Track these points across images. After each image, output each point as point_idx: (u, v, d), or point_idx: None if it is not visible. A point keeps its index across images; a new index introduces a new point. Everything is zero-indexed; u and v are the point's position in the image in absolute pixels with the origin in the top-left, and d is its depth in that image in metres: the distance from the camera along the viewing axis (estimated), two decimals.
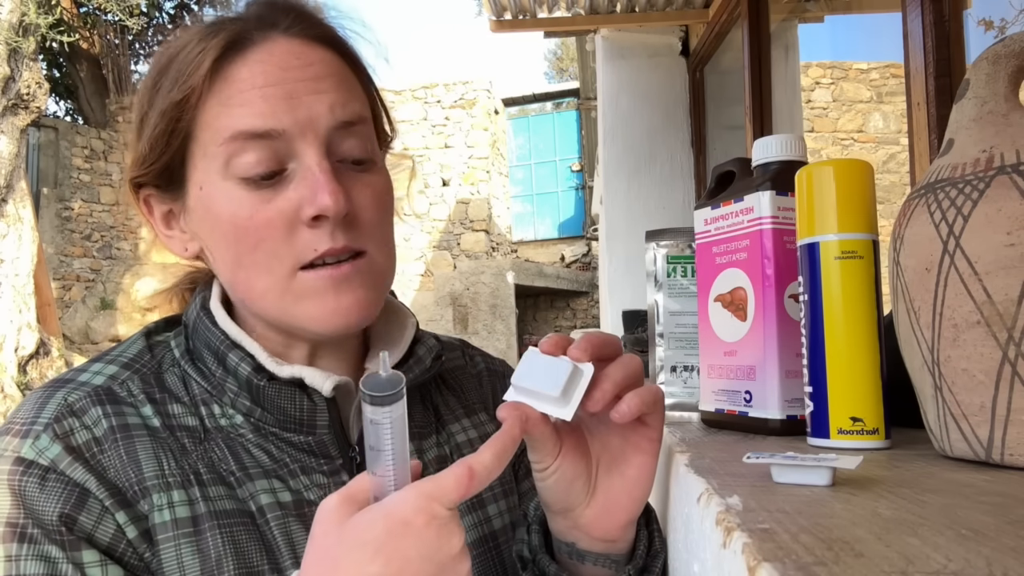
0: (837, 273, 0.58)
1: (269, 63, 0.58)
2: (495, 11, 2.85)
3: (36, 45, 6.97)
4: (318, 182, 0.56)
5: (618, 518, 0.55)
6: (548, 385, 0.49)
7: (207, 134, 0.58)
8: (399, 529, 0.41)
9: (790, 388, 0.67)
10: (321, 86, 0.58)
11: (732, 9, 2.38)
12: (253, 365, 0.59)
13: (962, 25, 1.17)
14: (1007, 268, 0.46)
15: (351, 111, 0.60)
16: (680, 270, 0.87)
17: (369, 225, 0.60)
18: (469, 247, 9.43)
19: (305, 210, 0.57)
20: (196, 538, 0.54)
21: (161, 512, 0.54)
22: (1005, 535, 0.33)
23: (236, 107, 0.57)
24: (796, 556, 0.31)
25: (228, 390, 0.60)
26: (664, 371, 0.87)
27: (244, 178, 0.57)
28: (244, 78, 0.57)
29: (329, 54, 0.61)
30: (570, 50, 15.18)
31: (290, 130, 0.57)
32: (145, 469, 0.55)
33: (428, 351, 0.68)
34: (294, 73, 0.58)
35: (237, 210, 0.57)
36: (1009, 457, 0.47)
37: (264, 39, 0.59)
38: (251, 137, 0.56)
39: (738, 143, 2.54)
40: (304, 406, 0.59)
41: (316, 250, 0.57)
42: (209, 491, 0.56)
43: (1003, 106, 0.50)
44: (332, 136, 0.59)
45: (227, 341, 0.60)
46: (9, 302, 7.04)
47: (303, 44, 0.60)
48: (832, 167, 0.59)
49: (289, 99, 0.57)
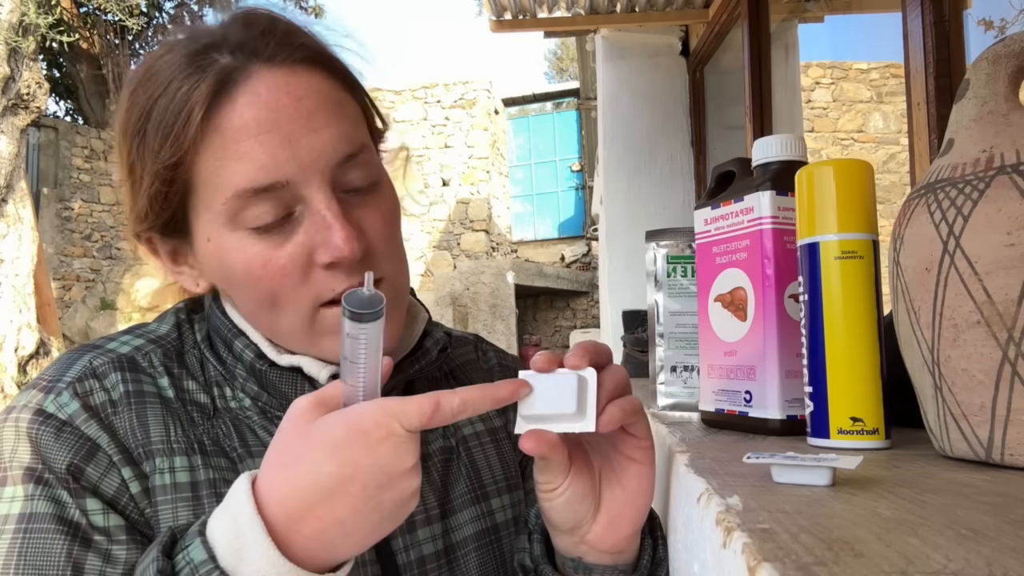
0: (837, 273, 0.58)
1: (259, 106, 0.55)
2: (495, 11, 2.85)
3: (36, 45, 6.97)
4: (330, 227, 0.56)
5: (624, 530, 0.56)
6: (560, 404, 0.48)
7: (207, 190, 0.57)
8: (357, 436, 0.44)
9: (790, 388, 0.67)
10: (316, 122, 0.56)
11: (732, 9, 2.38)
12: (256, 352, 0.62)
13: (962, 25, 1.17)
14: (1007, 268, 0.46)
15: (351, 143, 0.59)
16: (680, 270, 0.87)
17: (382, 250, 0.61)
18: (469, 247, 9.43)
19: (320, 256, 0.57)
20: (193, 503, 0.56)
21: (162, 475, 0.57)
22: (1005, 535, 0.33)
23: (233, 161, 0.55)
24: (796, 556, 0.31)
25: (238, 375, 0.63)
26: (664, 371, 0.87)
27: (253, 228, 0.57)
28: (236, 127, 0.55)
29: (316, 77, 0.59)
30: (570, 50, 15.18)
31: (294, 178, 0.55)
32: (153, 433, 0.58)
33: (435, 344, 0.69)
34: (287, 112, 0.56)
35: (250, 261, 0.57)
36: (1009, 457, 0.47)
37: (247, 77, 0.56)
38: (256, 193, 0.55)
39: (738, 143, 2.54)
40: (305, 391, 0.60)
41: (335, 290, 0.58)
42: (211, 460, 0.59)
43: (1003, 106, 0.50)
44: (336, 172, 0.58)
45: (234, 329, 0.63)
46: (9, 302, 7.04)
47: (288, 73, 0.57)
48: (832, 167, 0.59)
49: (288, 144, 0.55)
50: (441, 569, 0.63)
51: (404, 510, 0.47)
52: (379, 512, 0.45)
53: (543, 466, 0.53)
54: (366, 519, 0.45)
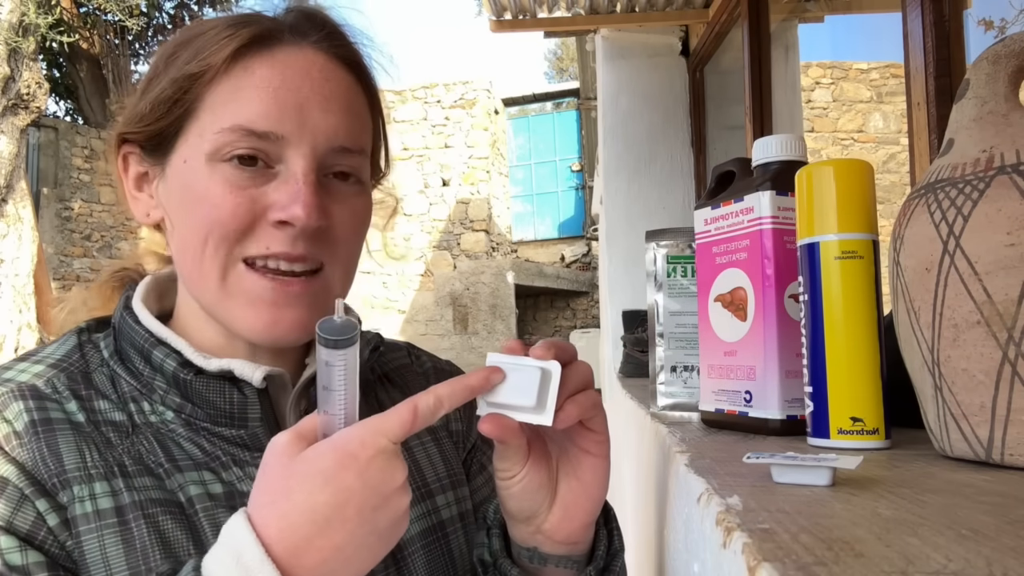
0: (837, 273, 0.58)
1: (291, 67, 0.59)
2: (495, 11, 2.84)
3: (36, 45, 6.97)
4: (299, 191, 0.57)
5: (579, 520, 0.57)
6: (520, 396, 0.49)
7: (209, 116, 0.58)
8: (347, 461, 0.45)
9: (790, 388, 0.67)
10: (333, 105, 0.60)
11: (732, 9, 2.38)
12: (179, 360, 0.59)
13: (962, 25, 1.17)
14: (1007, 268, 0.46)
15: (353, 139, 0.61)
16: (680, 270, 0.87)
17: (337, 241, 0.61)
18: (469, 247, 9.43)
19: (275, 213, 0.57)
20: (120, 528, 0.54)
21: (82, 503, 0.53)
22: (1005, 535, 0.33)
23: (246, 100, 0.57)
24: (796, 556, 0.31)
25: (157, 387, 0.60)
26: (664, 371, 0.87)
27: (229, 164, 0.57)
28: (263, 74, 0.58)
29: (350, 77, 0.63)
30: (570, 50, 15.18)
31: (289, 136, 0.57)
32: (66, 461, 0.54)
33: (366, 343, 0.69)
34: (312, 84, 0.59)
35: (210, 190, 0.57)
36: (1009, 457, 0.47)
37: (293, 44, 0.60)
38: (250, 134, 0.57)
39: (738, 143, 2.54)
40: (234, 399, 0.60)
41: (268, 248, 0.57)
42: (134, 482, 0.56)
43: (1003, 106, 0.50)
44: (327, 155, 0.59)
45: (151, 339, 0.60)
46: (9, 302, 7.04)
47: (328, 60, 0.61)
48: (832, 167, 0.59)
49: (299, 109, 0.58)
50: (389, 568, 0.62)
51: (398, 529, 0.47)
52: (376, 534, 0.46)
53: (502, 452, 0.54)
54: (363, 542, 0.45)
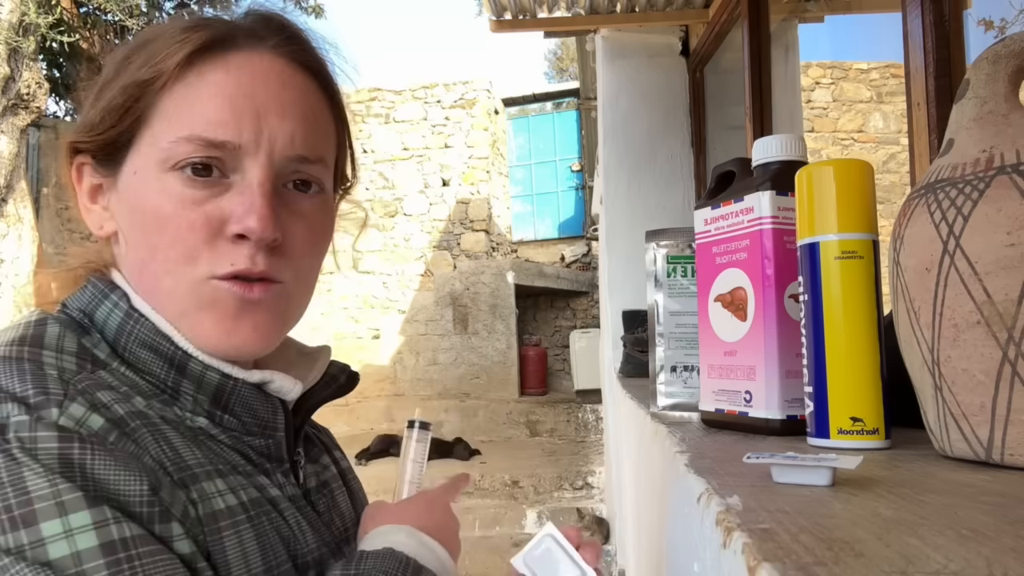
0: (837, 273, 0.58)
1: (247, 72, 0.57)
2: (495, 11, 2.84)
3: (36, 45, 6.97)
4: (254, 203, 0.55)
5: None
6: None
7: (163, 124, 0.56)
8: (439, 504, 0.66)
9: (790, 388, 0.67)
10: (291, 112, 0.57)
11: (732, 9, 2.38)
12: (220, 372, 0.56)
13: (962, 25, 1.17)
14: (1007, 268, 0.46)
15: (312, 148, 0.59)
16: (680, 270, 0.87)
17: (294, 256, 0.59)
18: (469, 247, 9.43)
19: (231, 225, 0.55)
20: (250, 524, 0.52)
21: (213, 500, 0.51)
22: (1005, 535, 0.33)
23: (200, 107, 0.55)
24: (796, 556, 0.31)
25: (184, 392, 0.56)
26: (664, 371, 0.87)
27: (183, 173, 0.55)
28: (217, 80, 0.56)
29: (310, 83, 0.60)
30: (570, 50, 15.17)
31: (245, 145, 0.55)
32: (185, 456, 0.51)
33: (341, 371, 0.70)
34: (269, 90, 0.57)
35: (165, 203, 0.55)
36: (1009, 457, 0.47)
37: (249, 49, 0.58)
38: (206, 143, 0.55)
39: (738, 143, 2.54)
40: (270, 407, 0.59)
41: (232, 265, 0.55)
42: (237, 480, 0.54)
43: (1003, 106, 0.50)
44: (284, 163, 0.57)
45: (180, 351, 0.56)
46: (9, 302, 7.03)
47: (287, 65, 0.59)
48: (832, 167, 0.59)
49: (255, 116, 0.56)
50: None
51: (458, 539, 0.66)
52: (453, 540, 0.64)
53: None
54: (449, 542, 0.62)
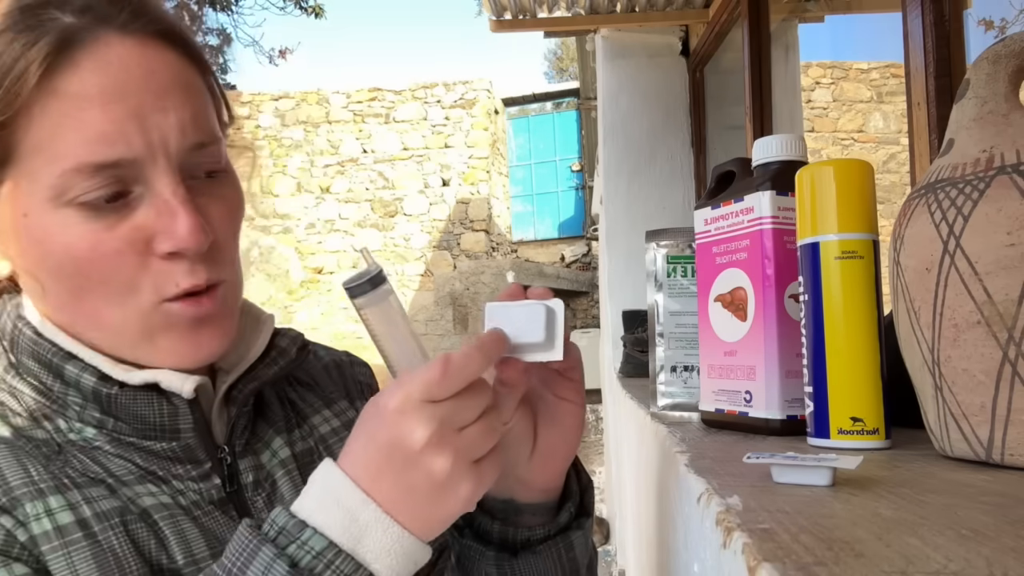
0: (837, 273, 0.58)
1: (105, 72, 0.50)
2: (495, 11, 2.84)
3: None
4: (175, 214, 0.51)
5: (557, 467, 0.59)
6: (529, 335, 0.49)
7: (36, 159, 0.49)
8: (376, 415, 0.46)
9: (790, 388, 0.67)
10: (168, 102, 0.52)
11: (732, 9, 2.38)
12: (97, 374, 0.53)
13: (962, 25, 1.17)
14: (1007, 268, 0.46)
15: (202, 130, 0.54)
16: (680, 270, 0.87)
17: (226, 250, 0.56)
18: (469, 247, 9.43)
19: (161, 244, 0.51)
20: (88, 542, 0.48)
21: (40, 521, 0.48)
22: (1005, 535, 0.33)
23: (73, 131, 0.49)
24: (796, 556, 0.31)
25: (72, 403, 0.54)
26: (664, 371, 0.87)
27: (82, 205, 0.50)
28: (78, 93, 0.49)
29: (172, 55, 0.54)
30: (570, 50, 15.17)
31: (140, 156, 0.50)
32: (10, 477, 0.49)
33: (292, 342, 0.65)
34: (137, 84, 0.50)
35: (76, 241, 0.50)
36: (1009, 457, 0.47)
37: (95, 40, 0.50)
38: (97, 169, 0.49)
39: (738, 143, 2.54)
40: (164, 411, 0.54)
41: (178, 285, 0.52)
42: (88, 492, 0.51)
43: (1003, 106, 0.50)
44: (183, 157, 0.53)
45: (60, 352, 0.54)
46: None
47: (142, 45, 0.52)
48: (832, 167, 0.59)
49: (135, 118, 0.50)
50: None
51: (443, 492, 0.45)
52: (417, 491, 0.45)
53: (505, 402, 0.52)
54: (408, 497, 0.45)
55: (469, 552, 0.60)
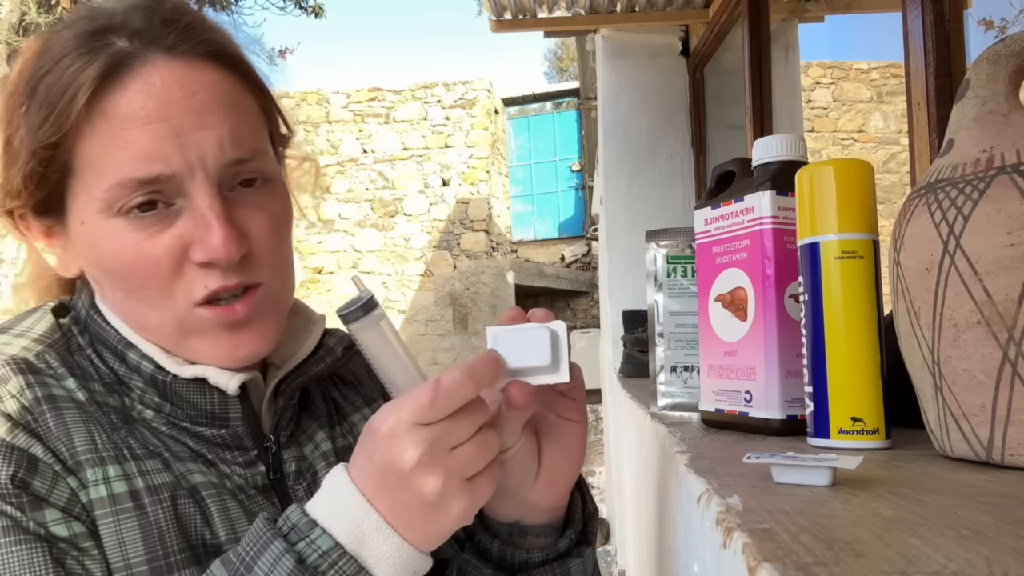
0: (837, 273, 0.58)
1: (149, 94, 0.54)
2: (495, 11, 2.84)
3: None
4: (210, 226, 0.54)
5: (562, 487, 0.59)
6: (535, 357, 0.50)
7: (89, 174, 0.55)
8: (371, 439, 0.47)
9: (790, 388, 0.67)
10: (208, 120, 0.55)
11: (732, 9, 2.38)
12: (154, 364, 0.58)
13: (962, 25, 1.17)
14: (1007, 268, 0.46)
15: (243, 146, 0.57)
16: (680, 270, 0.87)
17: (264, 255, 0.59)
18: (469, 247, 9.43)
19: (195, 254, 0.55)
20: (136, 512, 0.52)
21: (97, 487, 0.52)
22: (1005, 535, 0.33)
23: (119, 149, 0.53)
24: (796, 556, 0.31)
25: (135, 386, 0.59)
26: (664, 371, 0.87)
27: (129, 215, 0.55)
28: (124, 114, 0.53)
29: (217, 75, 0.57)
30: (570, 50, 15.17)
31: (179, 172, 0.54)
32: (77, 442, 0.52)
33: (339, 341, 0.68)
34: (179, 106, 0.54)
35: (123, 248, 0.55)
36: (1009, 457, 0.47)
37: (144, 63, 0.55)
38: (139, 184, 0.54)
39: (738, 143, 2.54)
40: (215, 400, 0.58)
41: (207, 287, 0.56)
42: (145, 464, 0.54)
43: (1003, 106, 0.50)
44: (223, 173, 0.56)
45: (123, 340, 0.59)
46: (9, 302, 7.04)
47: (187, 67, 0.56)
48: (832, 167, 0.59)
49: (175, 136, 0.54)
50: None
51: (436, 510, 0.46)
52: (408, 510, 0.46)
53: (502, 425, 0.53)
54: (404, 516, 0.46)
55: (467, 567, 0.61)
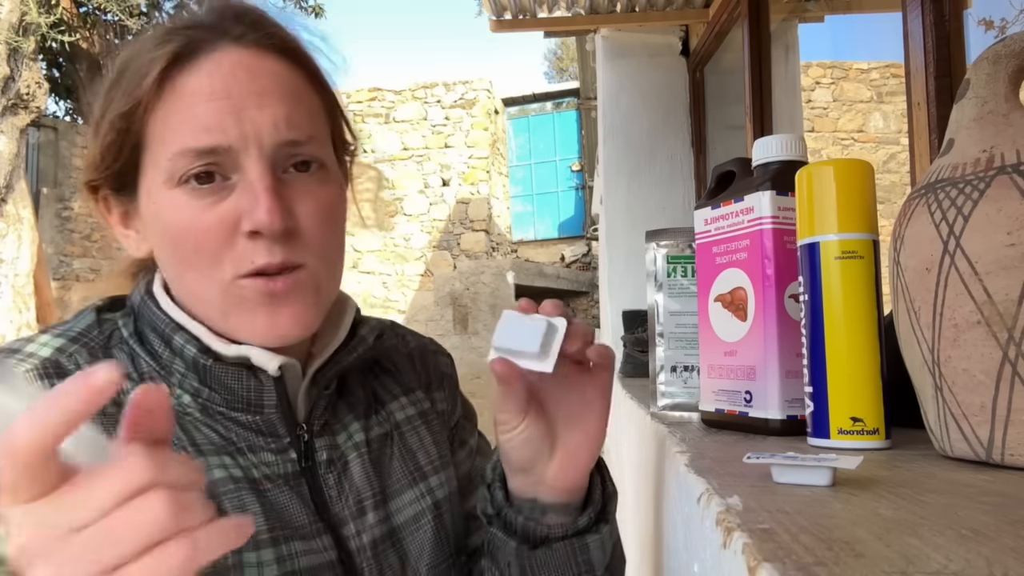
0: (837, 273, 0.58)
1: (216, 74, 0.58)
2: (495, 11, 2.84)
3: (36, 45, 6.96)
4: (258, 197, 0.57)
5: (580, 468, 0.61)
6: (526, 343, 0.54)
7: (157, 145, 0.59)
8: None
9: (790, 388, 0.67)
10: (267, 100, 0.59)
11: (732, 9, 2.38)
12: (199, 346, 0.60)
13: (962, 25, 1.17)
14: (1007, 268, 0.46)
15: (299, 129, 0.60)
16: (680, 270, 0.87)
17: (311, 237, 0.61)
18: (469, 247, 9.43)
19: (244, 223, 0.58)
20: None
21: None
22: (1005, 535, 0.33)
23: (183, 121, 0.57)
24: (796, 556, 0.31)
25: (176, 370, 0.61)
26: (664, 371, 0.87)
27: (187, 185, 0.58)
28: (191, 90, 0.58)
29: (281, 65, 0.61)
30: (570, 50, 15.17)
31: (235, 145, 0.57)
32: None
33: (371, 331, 0.70)
34: (241, 86, 0.58)
35: (179, 217, 0.58)
36: (1009, 457, 0.47)
37: (213, 49, 0.59)
38: (197, 154, 0.57)
39: (738, 143, 2.54)
40: (251, 385, 0.61)
41: (253, 262, 0.58)
42: None
43: (1003, 106, 0.50)
44: (277, 152, 0.59)
45: (172, 323, 0.61)
46: (9, 302, 7.03)
47: (254, 55, 0.60)
48: (832, 167, 0.59)
49: (235, 113, 0.57)
50: (387, 550, 0.65)
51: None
52: None
53: (502, 404, 0.58)
54: None
55: (495, 540, 0.63)
